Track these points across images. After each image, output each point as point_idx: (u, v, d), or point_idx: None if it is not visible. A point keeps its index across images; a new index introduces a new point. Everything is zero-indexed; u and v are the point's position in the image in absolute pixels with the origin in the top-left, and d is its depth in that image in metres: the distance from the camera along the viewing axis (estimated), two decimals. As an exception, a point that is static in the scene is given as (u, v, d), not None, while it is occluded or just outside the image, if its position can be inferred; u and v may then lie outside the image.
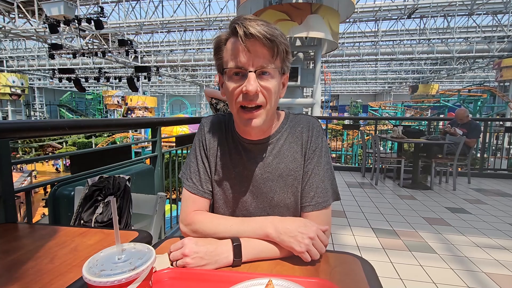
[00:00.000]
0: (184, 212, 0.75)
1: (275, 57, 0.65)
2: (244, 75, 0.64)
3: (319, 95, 7.60)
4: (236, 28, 0.62)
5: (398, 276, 1.92)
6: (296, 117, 0.81)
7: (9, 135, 1.05)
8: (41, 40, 14.57)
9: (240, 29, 0.61)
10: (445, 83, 28.64)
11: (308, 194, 0.74)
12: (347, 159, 13.37)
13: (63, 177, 1.48)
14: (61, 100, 31.50)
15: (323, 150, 0.77)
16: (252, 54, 0.63)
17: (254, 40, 0.61)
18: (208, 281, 0.54)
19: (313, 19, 6.25)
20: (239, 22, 0.62)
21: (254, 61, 0.63)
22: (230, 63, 0.65)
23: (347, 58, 17.54)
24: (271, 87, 0.66)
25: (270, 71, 0.65)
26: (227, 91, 0.68)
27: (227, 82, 0.67)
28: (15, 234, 0.80)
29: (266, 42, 0.62)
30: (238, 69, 0.64)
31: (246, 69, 0.63)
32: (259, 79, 0.65)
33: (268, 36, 0.61)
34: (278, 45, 0.63)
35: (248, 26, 0.61)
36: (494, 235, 2.56)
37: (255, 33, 0.60)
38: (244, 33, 0.61)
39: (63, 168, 17.00)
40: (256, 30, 0.61)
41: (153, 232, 1.10)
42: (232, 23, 0.64)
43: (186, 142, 2.76)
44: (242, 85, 0.64)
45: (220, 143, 0.79)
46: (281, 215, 0.77)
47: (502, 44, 14.45)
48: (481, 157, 5.06)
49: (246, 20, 0.62)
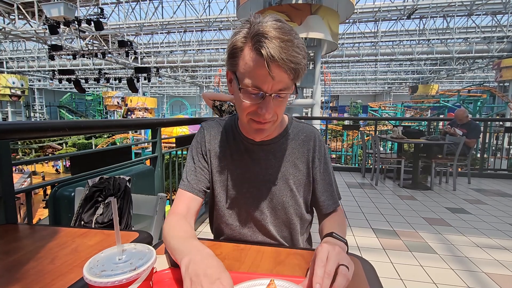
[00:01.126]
0: (171, 209, 0.76)
1: (295, 80, 0.64)
2: (261, 96, 0.63)
3: (319, 95, 7.61)
4: (259, 48, 0.58)
5: (398, 276, 1.92)
6: (299, 125, 0.83)
7: (9, 136, 1.05)
8: (41, 41, 14.58)
9: (267, 54, 0.57)
10: (445, 83, 28.65)
11: (321, 197, 0.80)
12: (347, 160, 13.37)
13: (63, 178, 1.48)
14: (61, 101, 31.50)
15: (327, 157, 0.82)
16: (273, 80, 0.60)
17: (277, 66, 0.58)
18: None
19: (313, 19, 6.26)
20: (264, 43, 0.57)
21: (273, 86, 0.61)
22: (248, 80, 0.62)
23: (347, 59, 17.55)
24: (283, 106, 0.67)
25: (288, 92, 0.64)
26: (239, 101, 0.66)
27: (241, 95, 0.64)
28: (15, 235, 0.80)
29: (290, 71, 0.59)
30: (257, 90, 0.62)
31: (265, 92, 0.62)
32: (275, 100, 0.63)
33: (292, 66, 0.59)
34: (300, 72, 0.61)
35: (274, 51, 0.57)
36: (494, 235, 2.56)
37: (279, 61, 0.57)
38: (269, 57, 0.57)
39: (63, 169, 17.00)
40: (282, 58, 0.57)
41: (154, 233, 1.10)
42: (254, 36, 0.59)
43: (186, 143, 2.76)
44: (258, 105, 0.63)
45: (221, 145, 0.80)
46: (280, 217, 0.79)
47: (501, 44, 14.46)
48: (481, 157, 5.06)
49: (272, 40, 0.57)
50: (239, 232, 0.80)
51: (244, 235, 0.80)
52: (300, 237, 0.84)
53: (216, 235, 0.88)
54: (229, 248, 0.69)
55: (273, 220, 0.79)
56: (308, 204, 0.83)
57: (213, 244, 0.71)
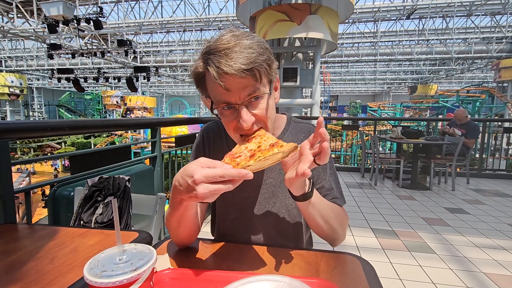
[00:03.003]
0: None
1: (260, 80, 0.60)
2: (235, 109, 0.62)
3: (318, 95, 7.60)
4: (207, 67, 0.58)
5: (398, 276, 1.92)
6: (298, 125, 0.81)
7: (8, 135, 1.05)
8: (39, 40, 14.53)
9: (213, 70, 0.57)
10: (444, 83, 28.71)
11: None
12: (346, 160, 13.38)
13: (62, 178, 1.48)
14: (60, 100, 31.42)
15: None
16: (235, 91, 0.59)
17: (231, 77, 0.57)
18: (208, 281, 0.54)
19: (313, 19, 6.25)
20: (211, 62, 0.57)
21: (239, 95, 0.59)
22: (216, 99, 0.62)
23: (346, 59, 17.56)
24: (264, 108, 0.63)
25: (260, 94, 0.61)
26: (222, 122, 0.67)
27: (220, 116, 0.65)
28: (14, 235, 0.79)
29: (245, 74, 0.57)
30: (227, 104, 0.61)
31: (235, 104, 0.60)
32: (251, 106, 0.62)
33: (245, 68, 0.56)
34: (259, 69, 0.59)
35: (221, 65, 0.56)
36: (493, 235, 2.57)
37: (230, 72, 0.56)
38: (218, 74, 0.57)
39: (62, 168, 16.96)
40: (230, 68, 0.56)
41: (153, 233, 1.10)
42: (204, 58, 0.60)
43: (186, 142, 2.77)
44: (236, 119, 0.62)
45: (221, 149, 0.79)
46: (283, 219, 0.78)
47: (500, 45, 14.50)
48: (480, 158, 5.07)
49: (216, 55, 0.57)
50: (241, 235, 0.80)
51: (245, 238, 0.80)
52: (300, 238, 0.83)
53: (216, 237, 0.87)
54: (229, 249, 0.69)
55: (275, 222, 0.79)
56: None
57: (213, 244, 0.71)
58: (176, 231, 0.64)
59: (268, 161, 0.49)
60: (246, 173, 0.46)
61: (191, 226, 0.64)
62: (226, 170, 0.47)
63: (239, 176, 0.46)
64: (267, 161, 0.49)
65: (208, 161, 0.49)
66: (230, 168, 0.48)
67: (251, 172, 0.47)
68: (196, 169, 0.47)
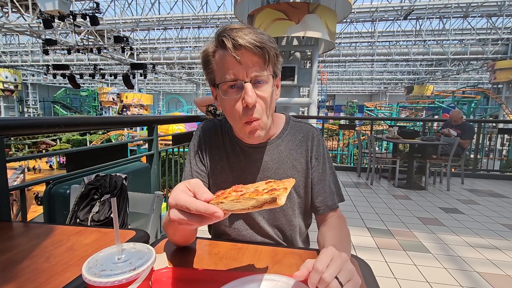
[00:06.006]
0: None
1: (267, 64, 0.63)
2: (240, 87, 0.63)
3: (316, 94, 7.62)
4: (224, 41, 0.61)
5: (393, 275, 1.94)
6: (296, 124, 0.81)
7: (3, 132, 1.03)
8: (35, 35, 14.36)
9: (229, 42, 0.60)
10: (440, 84, 28.92)
11: (317, 199, 0.78)
12: (342, 159, 13.44)
13: (58, 175, 1.47)
14: (55, 97, 31.10)
15: (326, 157, 0.80)
16: (245, 65, 0.61)
17: (244, 51, 0.60)
18: (205, 280, 0.54)
19: (311, 18, 6.26)
20: (226, 35, 0.60)
21: (247, 71, 0.61)
22: (223, 76, 0.63)
23: (344, 58, 17.61)
24: (267, 96, 0.65)
25: (265, 78, 0.64)
26: (226, 107, 0.67)
27: (224, 97, 0.65)
28: (9, 233, 0.78)
29: (257, 50, 0.60)
30: (233, 82, 0.63)
31: (242, 81, 0.62)
32: (255, 88, 0.63)
33: (258, 44, 0.60)
34: (269, 51, 0.62)
35: (236, 37, 0.59)
36: (487, 235, 2.60)
37: (244, 44, 0.59)
38: (233, 45, 0.59)
39: (57, 165, 16.82)
40: (245, 40, 0.59)
41: (150, 231, 1.09)
42: (218, 36, 0.62)
43: (183, 140, 2.76)
44: (241, 98, 0.63)
45: (217, 147, 0.79)
46: (279, 219, 0.79)
47: (496, 46, 14.66)
48: (475, 158, 5.13)
49: (232, 30, 0.61)
50: (237, 234, 0.80)
51: (242, 236, 0.80)
52: (298, 238, 0.84)
53: (213, 236, 0.87)
54: (226, 248, 0.68)
55: (271, 222, 0.79)
56: (308, 206, 0.82)
57: (210, 243, 0.71)
58: (172, 237, 0.65)
59: (237, 205, 0.43)
60: (213, 210, 0.41)
61: (188, 235, 0.64)
62: (193, 202, 0.42)
63: (207, 212, 0.41)
64: (236, 205, 0.43)
65: (196, 186, 0.45)
66: (200, 202, 0.42)
67: (221, 211, 0.41)
68: (175, 190, 0.45)
